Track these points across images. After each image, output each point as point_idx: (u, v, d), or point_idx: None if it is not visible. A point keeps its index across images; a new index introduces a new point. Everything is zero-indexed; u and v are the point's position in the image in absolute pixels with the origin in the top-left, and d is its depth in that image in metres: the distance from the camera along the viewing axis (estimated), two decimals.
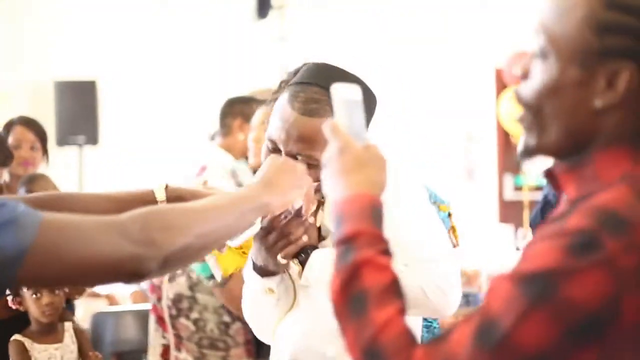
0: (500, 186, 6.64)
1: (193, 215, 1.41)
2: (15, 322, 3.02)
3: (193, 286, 3.50)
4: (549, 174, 1.23)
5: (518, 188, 6.51)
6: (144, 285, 4.37)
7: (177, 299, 3.52)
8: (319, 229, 1.91)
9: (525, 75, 1.20)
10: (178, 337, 3.54)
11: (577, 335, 1.04)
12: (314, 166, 1.77)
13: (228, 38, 6.79)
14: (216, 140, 3.82)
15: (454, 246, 2.64)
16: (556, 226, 1.09)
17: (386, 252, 1.20)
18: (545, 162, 1.23)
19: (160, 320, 3.62)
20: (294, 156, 1.82)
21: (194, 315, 3.53)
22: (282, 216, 1.79)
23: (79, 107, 6.12)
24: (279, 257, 1.81)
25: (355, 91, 1.35)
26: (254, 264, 1.89)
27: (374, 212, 1.24)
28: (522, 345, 1.04)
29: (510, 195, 6.60)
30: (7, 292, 2.98)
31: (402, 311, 1.15)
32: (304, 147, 1.82)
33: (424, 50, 6.63)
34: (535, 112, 1.18)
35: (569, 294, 1.04)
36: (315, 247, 1.86)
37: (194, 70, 6.74)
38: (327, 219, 1.87)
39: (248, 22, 6.74)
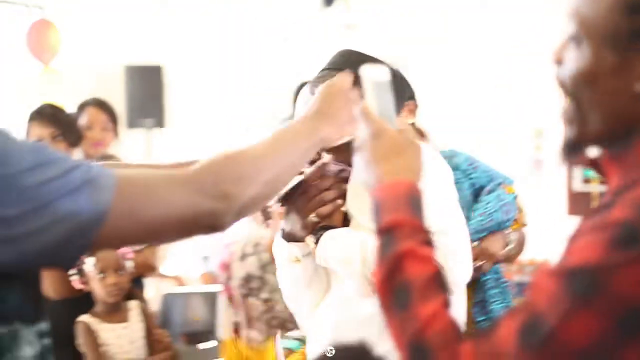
0: (569, 178, 6.55)
1: (260, 163, 1.40)
2: (80, 301, 3.06)
3: (263, 266, 3.52)
4: (594, 164, 1.20)
5: (587, 180, 6.42)
6: (214, 266, 4.40)
7: (247, 279, 3.54)
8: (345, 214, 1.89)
9: (559, 61, 1.18)
10: (248, 315, 3.57)
11: (624, 330, 1.01)
12: (338, 148, 1.76)
13: (294, 26, 6.79)
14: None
15: (522, 226, 2.62)
16: (599, 218, 1.07)
17: (427, 243, 1.19)
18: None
19: (231, 298, 3.65)
20: None
21: (264, 295, 3.55)
22: (322, 173, 1.79)
23: (147, 91, 6.17)
24: (311, 215, 1.80)
25: (384, 73, 1.34)
26: (282, 231, 1.88)
27: (413, 201, 1.22)
28: (569, 341, 1.02)
29: (578, 187, 6.51)
30: (73, 271, 3.01)
31: (446, 304, 1.13)
32: None
33: (496, 43, 6.56)
34: (575, 99, 1.16)
35: (614, 289, 1.01)
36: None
37: (260, 57, 6.76)
38: (352, 204, 1.85)
39: (314, 10, 6.73)
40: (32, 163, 1.18)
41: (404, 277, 1.15)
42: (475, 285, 2.58)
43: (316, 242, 1.83)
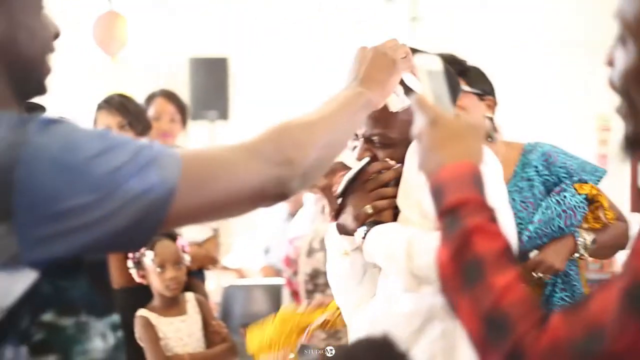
0: (634, 175, 6.42)
1: (316, 128, 1.41)
2: (139, 291, 3.07)
3: None
4: None
5: None
6: (275, 258, 4.41)
7: (314, 274, 3.52)
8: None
9: (610, 63, 1.17)
10: None
11: None
12: (389, 146, 1.74)
13: (359, 18, 6.76)
14: None
15: (609, 223, 2.50)
16: None
17: (494, 219, 1.17)
18: None
19: (294, 294, 3.63)
20: (369, 138, 1.82)
21: (330, 291, 3.53)
22: (384, 167, 1.79)
23: (212, 83, 6.21)
24: (366, 207, 1.78)
25: (437, 62, 1.33)
26: (337, 223, 1.86)
27: (476, 180, 1.20)
28: None
29: None
30: (131, 265, 3.02)
31: (520, 277, 1.11)
32: (378, 127, 1.80)
33: (560, 37, 6.46)
34: (626, 98, 1.15)
35: None
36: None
37: (324, 49, 6.74)
38: (401, 199, 1.82)
39: (379, 2, 6.69)
40: (99, 149, 1.18)
41: (474, 253, 1.13)
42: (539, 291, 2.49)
43: (364, 237, 1.81)
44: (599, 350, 1.02)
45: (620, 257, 4.41)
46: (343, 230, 1.86)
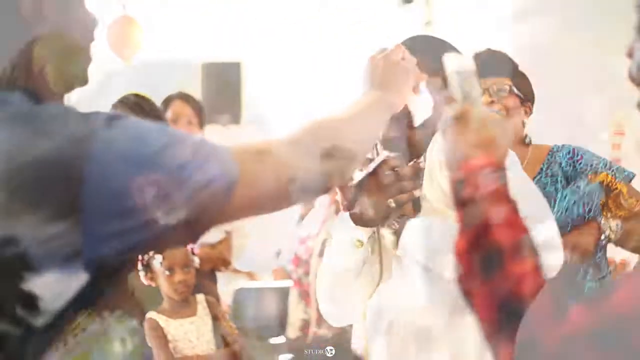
0: None
1: (347, 125, 1.45)
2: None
3: None
4: None
5: None
6: (286, 261, 4.41)
7: None
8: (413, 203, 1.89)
9: (630, 55, 1.18)
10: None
11: None
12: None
13: (374, 22, 6.76)
14: None
15: (629, 212, 2.54)
16: None
17: (515, 210, 1.18)
18: None
19: (304, 294, 3.62)
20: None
21: None
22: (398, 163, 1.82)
23: (224, 88, 6.22)
24: (389, 201, 1.79)
25: (467, 61, 1.36)
26: (352, 214, 1.87)
27: (499, 172, 1.22)
28: None
29: None
30: (140, 267, 3.01)
31: (539, 266, 1.12)
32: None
33: (574, 40, 6.43)
34: None
35: None
36: (409, 219, 1.84)
37: (338, 54, 6.74)
38: (427, 190, 1.84)
39: (394, 6, 6.69)
40: (163, 143, 1.19)
41: (493, 241, 1.14)
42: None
43: (395, 233, 1.83)
44: (620, 342, 1.01)
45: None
46: (359, 220, 1.86)
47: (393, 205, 1.80)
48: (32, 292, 1.11)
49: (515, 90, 2.60)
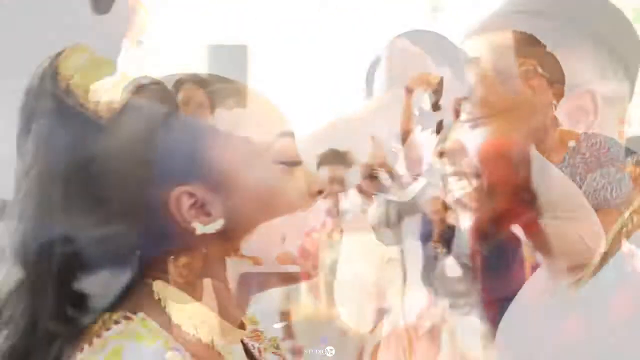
0: None
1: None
2: None
3: None
4: None
5: None
6: (291, 247, 4.40)
7: (334, 267, 3.52)
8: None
9: None
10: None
11: None
12: None
13: (380, 8, 6.74)
14: None
15: None
16: None
17: (532, 200, 1.17)
18: None
19: (313, 287, 3.63)
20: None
21: None
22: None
23: (230, 71, 6.20)
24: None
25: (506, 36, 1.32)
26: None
27: (517, 157, 1.20)
28: None
29: None
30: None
31: (535, 267, 1.11)
32: None
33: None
34: None
35: None
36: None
37: (344, 38, 6.72)
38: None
39: None
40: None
41: (500, 237, 1.13)
42: None
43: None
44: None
45: None
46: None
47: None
48: (83, 291, 1.10)
49: (540, 70, 2.57)
